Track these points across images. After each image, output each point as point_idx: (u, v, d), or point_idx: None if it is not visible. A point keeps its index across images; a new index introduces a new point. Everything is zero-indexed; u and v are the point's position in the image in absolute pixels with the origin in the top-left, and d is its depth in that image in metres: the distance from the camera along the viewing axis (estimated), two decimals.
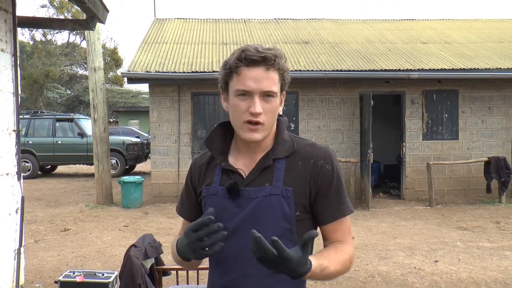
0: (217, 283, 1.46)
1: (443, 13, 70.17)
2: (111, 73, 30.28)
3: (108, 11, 4.35)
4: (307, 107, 9.61)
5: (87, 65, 10.15)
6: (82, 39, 30.38)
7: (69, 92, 32.98)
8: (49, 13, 28.72)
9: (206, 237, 1.22)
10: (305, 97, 9.58)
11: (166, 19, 13.70)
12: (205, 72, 8.98)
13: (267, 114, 1.36)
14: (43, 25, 6.92)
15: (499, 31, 12.95)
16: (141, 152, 15.06)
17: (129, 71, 9.13)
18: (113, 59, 31.20)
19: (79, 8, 4.19)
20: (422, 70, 9.29)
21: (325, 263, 1.28)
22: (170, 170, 9.41)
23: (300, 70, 9.13)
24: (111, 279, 3.73)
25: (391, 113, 11.70)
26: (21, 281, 3.98)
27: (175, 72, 9.01)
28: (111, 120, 27.25)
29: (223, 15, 60.95)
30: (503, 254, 5.57)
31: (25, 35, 31.48)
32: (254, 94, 1.34)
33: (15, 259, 3.88)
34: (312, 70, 9.18)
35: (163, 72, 9.00)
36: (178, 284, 3.23)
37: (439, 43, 11.54)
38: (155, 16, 14.29)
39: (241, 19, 13.91)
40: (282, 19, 14.15)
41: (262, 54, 1.33)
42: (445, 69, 9.37)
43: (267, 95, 1.35)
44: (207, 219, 1.20)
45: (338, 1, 73.97)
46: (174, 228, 7.07)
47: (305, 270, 1.15)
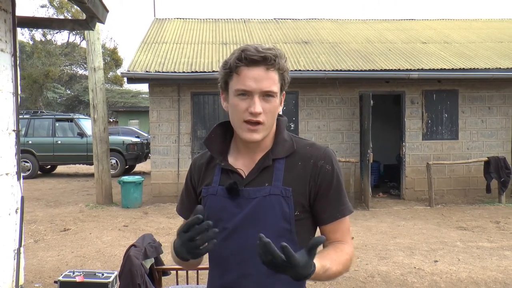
0: (217, 283, 1.45)
1: (443, 13, 70.20)
2: (111, 73, 30.29)
3: (108, 11, 4.35)
4: (307, 107, 9.61)
5: (87, 65, 10.15)
6: (82, 39, 30.39)
7: (69, 92, 32.97)
8: (48, 13, 28.75)
9: (198, 236, 1.22)
10: (305, 97, 9.58)
11: (166, 19, 13.70)
12: (205, 72, 8.98)
13: (267, 114, 1.36)
14: (42, 25, 6.92)
15: (499, 31, 12.95)
16: (141, 152, 15.07)
17: (129, 71, 9.13)
18: (113, 59, 31.21)
19: (78, 8, 4.19)
20: (422, 70, 9.29)
21: (327, 264, 1.28)
22: (170, 170, 9.41)
23: (300, 70, 9.13)
24: (111, 279, 3.73)
25: (391, 113, 11.70)
26: (21, 281, 3.98)
27: (175, 72, 9.01)
28: (111, 120, 27.25)
29: (223, 15, 60.98)
30: (502, 254, 5.57)
31: (25, 35, 31.54)
32: (254, 94, 1.34)
33: (14, 259, 3.88)
34: (312, 70, 9.18)
35: (163, 72, 9.00)
36: (177, 284, 3.23)
37: (439, 43, 11.54)
38: (154, 16, 14.29)
39: (241, 19, 13.91)
40: (282, 19, 14.15)
41: (262, 54, 1.32)
42: (445, 69, 9.37)
43: (267, 95, 1.35)
44: (196, 219, 1.20)
45: (338, 1, 74.03)
46: (174, 228, 7.07)
47: (309, 273, 1.15)
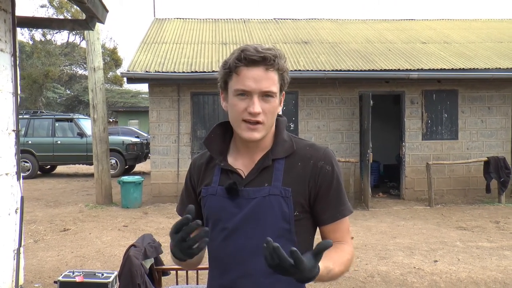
0: (217, 283, 1.46)
1: (443, 13, 70.22)
2: (110, 73, 30.30)
3: (107, 11, 4.35)
4: (306, 107, 9.61)
5: (86, 65, 10.15)
6: (81, 39, 30.39)
7: (69, 92, 32.97)
8: (48, 13, 28.76)
9: (189, 236, 1.22)
10: (305, 97, 9.58)
11: (166, 19, 13.70)
12: (204, 72, 8.98)
13: (266, 114, 1.36)
14: (42, 25, 6.92)
15: (499, 31, 12.95)
16: (141, 152, 15.07)
17: (129, 71, 9.13)
18: (112, 59, 31.21)
19: (78, 8, 4.19)
20: (422, 70, 9.29)
21: (330, 266, 1.28)
22: (170, 170, 9.41)
23: (300, 70, 9.13)
24: (111, 279, 3.73)
25: (390, 113, 11.70)
26: (21, 281, 3.98)
27: (175, 72, 9.01)
28: (111, 120, 27.25)
29: (223, 15, 60.99)
30: (502, 254, 5.58)
31: (25, 35, 31.55)
32: (253, 94, 1.34)
33: (14, 259, 3.88)
34: (312, 70, 9.18)
35: (163, 72, 9.00)
36: (177, 284, 3.23)
37: (438, 43, 11.54)
38: (154, 16, 14.29)
39: (241, 19, 13.91)
40: (281, 19, 14.15)
41: (261, 54, 1.32)
42: (444, 69, 9.37)
43: (266, 95, 1.35)
44: (185, 219, 1.21)
45: (337, 1, 74.00)
46: None
47: (314, 275, 1.15)
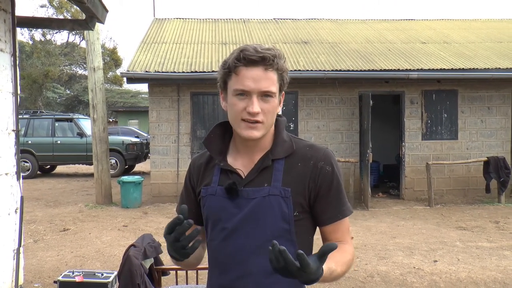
0: (216, 282, 1.46)
1: (442, 13, 70.16)
2: (110, 73, 30.29)
3: (107, 11, 4.35)
4: (306, 107, 9.61)
5: (86, 65, 10.14)
6: (81, 39, 30.40)
7: (69, 92, 32.94)
8: (48, 13, 28.77)
9: (182, 236, 1.23)
10: (305, 97, 9.58)
11: (166, 19, 13.69)
12: (204, 72, 8.98)
13: (265, 114, 1.36)
14: (42, 25, 6.91)
15: (498, 31, 12.96)
16: (141, 152, 15.07)
17: (129, 71, 9.12)
18: (112, 59, 31.21)
19: (78, 8, 4.19)
20: (421, 70, 9.29)
21: (333, 267, 1.28)
22: (170, 170, 9.41)
23: (300, 70, 9.13)
24: (111, 279, 3.73)
25: (390, 113, 11.70)
26: (20, 281, 3.98)
27: (175, 72, 9.01)
28: (111, 120, 27.24)
29: (223, 15, 60.99)
30: (502, 254, 5.58)
31: (25, 35, 31.56)
32: (252, 94, 1.34)
33: (14, 259, 3.88)
34: (312, 70, 9.18)
35: (163, 72, 9.00)
36: (177, 284, 3.23)
37: (438, 43, 11.54)
38: (154, 16, 14.29)
39: (241, 19, 13.91)
40: (281, 19, 14.15)
41: (260, 54, 1.33)
42: (444, 69, 9.37)
43: (265, 95, 1.35)
44: (177, 219, 1.21)
45: (337, 1, 73.97)
46: None
47: (318, 277, 1.16)
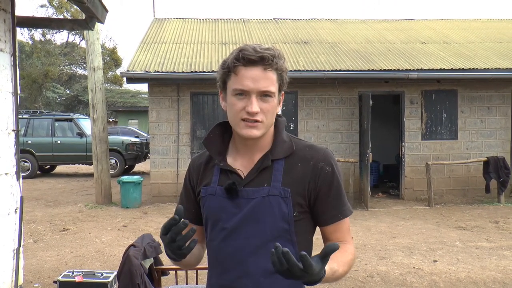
0: (216, 282, 1.46)
1: (442, 13, 70.18)
2: (110, 73, 30.30)
3: (107, 11, 4.35)
4: (306, 107, 9.61)
5: (86, 64, 10.15)
6: (81, 38, 30.41)
7: (68, 92, 32.93)
8: (48, 13, 28.79)
9: (178, 237, 1.23)
10: (304, 97, 9.58)
11: (165, 19, 13.69)
12: (204, 72, 8.98)
13: (265, 114, 1.36)
14: (42, 25, 6.92)
15: (498, 31, 12.96)
16: (140, 152, 15.06)
17: (128, 71, 9.12)
18: (112, 58, 31.22)
19: (78, 8, 4.19)
20: (421, 70, 9.29)
21: (335, 267, 1.28)
22: (169, 170, 9.41)
23: (299, 70, 9.13)
24: (110, 279, 3.73)
25: (390, 113, 11.70)
26: (20, 281, 3.98)
27: (174, 72, 9.01)
28: (110, 120, 27.22)
29: (222, 15, 60.98)
30: (502, 253, 5.58)
31: (24, 34, 31.57)
32: (251, 93, 1.34)
33: (14, 259, 3.88)
34: (311, 70, 9.18)
35: (162, 72, 9.00)
36: (177, 284, 3.23)
37: (438, 43, 11.54)
38: (154, 16, 14.29)
39: (240, 19, 13.91)
40: (281, 19, 14.15)
41: (259, 54, 1.33)
42: (444, 69, 9.37)
43: (264, 94, 1.35)
44: (173, 219, 1.21)
45: (337, 1, 73.97)
46: None
47: (320, 278, 1.16)
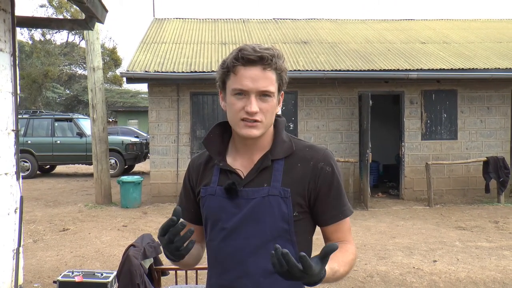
0: (216, 282, 1.46)
1: (442, 13, 70.19)
2: (110, 73, 30.30)
3: (107, 11, 4.35)
4: (306, 107, 9.61)
5: (86, 64, 10.15)
6: (81, 38, 30.40)
7: (68, 92, 32.93)
8: (48, 12, 28.78)
9: (176, 238, 1.23)
10: (304, 97, 9.58)
11: (165, 19, 13.69)
12: (204, 72, 8.98)
13: (264, 113, 1.36)
14: (42, 25, 6.91)
15: (498, 31, 12.96)
16: (140, 152, 15.06)
17: (128, 71, 9.12)
18: (112, 58, 31.22)
19: (78, 8, 4.19)
20: (421, 70, 9.29)
21: (335, 267, 1.28)
22: (169, 170, 9.41)
23: (299, 70, 9.13)
24: (110, 279, 3.73)
25: (390, 113, 11.70)
26: (20, 281, 3.98)
27: (174, 72, 9.01)
28: (110, 120, 27.22)
29: (222, 15, 60.98)
30: (501, 253, 5.58)
31: (24, 34, 31.57)
32: (250, 93, 1.34)
33: (14, 259, 3.88)
34: (311, 70, 9.18)
35: (162, 72, 9.00)
36: (176, 284, 3.23)
37: (438, 43, 11.54)
38: (154, 16, 14.30)
39: (240, 19, 13.91)
40: (281, 19, 14.15)
41: (259, 54, 1.33)
42: (444, 69, 9.37)
43: (263, 94, 1.35)
44: (170, 221, 1.21)
45: (337, 1, 73.98)
46: None
47: (321, 278, 1.15)
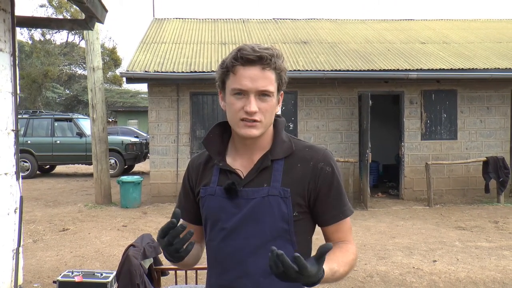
0: (215, 282, 1.46)
1: (442, 13, 70.18)
2: (110, 72, 30.30)
3: (107, 11, 4.35)
4: (306, 107, 9.61)
5: (86, 64, 10.15)
6: (81, 38, 30.40)
7: (68, 92, 32.92)
8: (48, 12, 28.78)
9: (175, 240, 1.23)
10: (304, 97, 9.58)
11: (165, 19, 13.69)
12: (203, 72, 8.98)
13: (263, 113, 1.36)
14: (41, 25, 6.90)
15: (497, 31, 12.96)
16: (140, 152, 15.06)
17: (128, 71, 9.12)
18: (112, 58, 31.22)
19: (77, 8, 4.19)
20: (421, 70, 9.29)
21: (335, 267, 1.28)
22: (169, 170, 9.41)
23: (299, 70, 9.13)
24: (110, 279, 3.73)
25: (389, 113, 11.70)
26: (20, 281, 3.98)
27: (174, 72, 9.01)
28: (110, 120, 27.21)
29: (222, 15, 60.98)
30: (501, 253, 5.58)
31: (24, 34, 31.59)
32: (249, 93, 1.34)
33: (13, 259, 3.88)
34: (311, 70, 9.18)
35: (162, 72, 9.00)
36: (176, 284, 3.23)
37: (437, 43, 11.54)
38: (154, 16, 14.29)
39: (240, 19, 13.91)
40: (281, 19, 14.15)
41: (258, 54, 1.33)
42: (443, 69, 9.37)
43: (263, 94, 1.35)
44: (170, 222, 1.21)
45: (337, 1, 73.97)
46: None
47: (319, 279, 1.15)
